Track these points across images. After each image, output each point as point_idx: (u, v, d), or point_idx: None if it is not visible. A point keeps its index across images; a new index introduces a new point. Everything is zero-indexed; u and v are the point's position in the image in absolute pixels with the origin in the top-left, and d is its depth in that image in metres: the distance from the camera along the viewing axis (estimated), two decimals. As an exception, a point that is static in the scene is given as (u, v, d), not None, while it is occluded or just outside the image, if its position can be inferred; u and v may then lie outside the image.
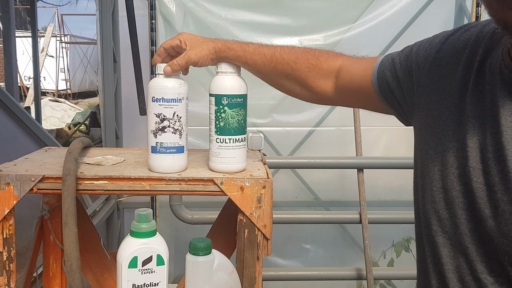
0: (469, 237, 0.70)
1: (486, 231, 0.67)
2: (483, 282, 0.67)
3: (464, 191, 0.71)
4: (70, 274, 0.83)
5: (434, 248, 0.76)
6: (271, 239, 1.05)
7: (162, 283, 0.83)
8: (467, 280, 0.70)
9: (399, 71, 0.91)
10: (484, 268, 0.68)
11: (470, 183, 0.70)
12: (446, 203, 0.73)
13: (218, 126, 1.03)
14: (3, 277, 1.02)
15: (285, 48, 1.07)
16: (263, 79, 1.13)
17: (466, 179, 0.70)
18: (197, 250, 0.83)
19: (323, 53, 1.07)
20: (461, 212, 0.71)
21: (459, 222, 0.71)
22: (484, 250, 0.68)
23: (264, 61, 1.07)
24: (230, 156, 1.04)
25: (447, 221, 0.73)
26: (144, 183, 1.02)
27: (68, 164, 0.99)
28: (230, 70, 1.04)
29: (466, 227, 0.70)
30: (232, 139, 1.03)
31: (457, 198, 0.71)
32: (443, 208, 0.74)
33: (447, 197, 0.73)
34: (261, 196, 1.03)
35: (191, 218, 2.21)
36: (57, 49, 15.06)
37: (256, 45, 1.08)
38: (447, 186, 0.73)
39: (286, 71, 1.07)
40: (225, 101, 1.01)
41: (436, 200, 0.75)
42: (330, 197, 2.81)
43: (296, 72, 1.06)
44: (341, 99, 1.07)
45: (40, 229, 1.27)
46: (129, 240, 0.82)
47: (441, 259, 0.74)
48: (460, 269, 0.71)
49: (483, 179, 0.68)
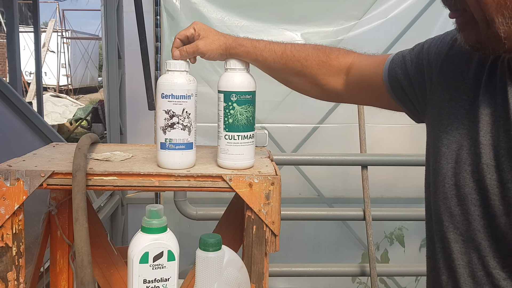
0: (482, 233, 0.70)
1: (500, 227, 0.67)
2: (495, 277, 0.68)
3: (477, 188, 0.71)
4: (81, 269, 0.84)
5: (445, 244, 0.76)
6: (279, 236, 1.05)
7: (173, 279, 0.83)
8: (478, 276, 0.70)
9: (410, 69, 0.91)
10: (497, 264, 0.68)
11: (484, 180, 0.70)
12: (459, 200, 0.74)
13: (227, 122, 1.03)
14: (12, 272, 1.02)
15: (296, 45, 1.08)
16: (272, 75, 1.13)
17: (479, 176, 0.71)
18: (207, 246, 0.84)
19: (333, 50, 1.07)
20: (474, 209, 0.71)
21: (471, 218, 0.72)
22: (497, 246, 0.68)
23: (275, 58, 1.07)
24: (239, 153, 1.05)
25: (459, 218, 0.73)
26: (153, 179, 1.02)
27: (78, 160, 0.99)
28: (239, 67, 1.04)
29: (479, 224, 0.71)
30: (241, 136, 1.04)
31: (469, 194, 0.72)
32: (455, 205, 0.74)
33: (459, 194, 0.73)
34: (269, 192, 1.03)
35: (195, 214, 2.22)
36: (58, 44, 15.05)
37: (266, 42, 1.08)
38: (460, 182, 0.74)
39: (296, 68, 1.07)
40: (234, 97, 1.01)
41: (449, 197, 0.75)
42: (333, 194, 2.82)
43: (306, 69, 1.06)
44: (351, 96, 1.07)
45: (48, 224, 1.27)
46: (140, 236, 0.82)
47: (452, 255, 0.74)
48: (471, 264, 0.71)
49: (497, 176, 0.69)
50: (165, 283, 0.82)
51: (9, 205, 0.99)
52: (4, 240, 1.01)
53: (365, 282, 2.79)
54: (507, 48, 0.67)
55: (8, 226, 1.00)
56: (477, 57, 0.78)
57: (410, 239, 2.84)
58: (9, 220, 1.00)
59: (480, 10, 0.65)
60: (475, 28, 0.68)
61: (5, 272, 1.02)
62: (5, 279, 1.02)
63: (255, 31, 2.59)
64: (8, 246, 1.01)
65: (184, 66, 1.02)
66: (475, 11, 0.66)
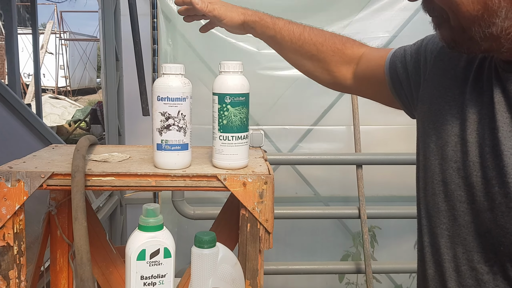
0: (467, 229, 0.73)
1: (484, 222, 0.70)
2: (478, 271, 0.70)
3: (462, 185, 0.74)
4: (81, 267, 0.87)
5: (433, 238, 0.79)
6: (272, 233, 1.08)
7: (169, 275, 0.86)
8: (462, 270, 0.73)
9: (409, 63, 0.94)
10: (480, 258, 0.71)
11: (470, 177, 0.73)
12: (446, 196, 0.76)
13: (221, 124, 1.07)
14: (14, 270, 1.05)
15: (314, 29, 1.09)
16: (285, 56, 1.14)
17: (466, 173, 0.73)
18: (202, 243, 0.87)
19: (349, 40, 1.09)
20: (459, 205, 0.74)
21: (457, 214, 0.74)
22: (481, 241, 0.71)
23: (292, 38, 1.08)
24: (233, 153, 1.08)
25: (446, 213, 0.76)
26: (150, 179, 1.05)
27: (76, 161, 1.02)
28: (233, 70, 1.07)
29: (464, 219, 0.73)
30: (235, 137, 1.07)
31: (456, 191, 0.74)
32: (442, 201, 0.77)
33: (446, 190, 0.76)
34: (263, 191, 1.07)
35: (193, 214, 2.25)
36: (56, 46, 15.06)
37: (286, 20, 1.09)
38: (447, 179, 0.76)
39: (311, 52, 1.08)
40: (228, 99, 1.05)
41: (436, 193, 0.78)
42: (329, 193, 2.85)
43: (320, 54, 1.08)
44: (357, 87, 1.08)
45: (48, 224, 1.30)
46: (138, 234, 0.85)
47: (439, 249, 0.77)
48: (456, 259, 0.74)
49: (481, 173, 0.71)
50: (162, 279, 0.86)
51: (10, 205, 1.02)
52: (5, 240, 1.04)
53: (355, 282, 2.83)
54: (483, 49, 0.69)
55: (9, 225, 1.03)
56: (466, 56, 0.80)
57: (405, 236, 2.88)
58: (10, 220, 1.03)
59: (456, 19, 0.67)
60: (450, 28, 0.70)
61: (7, 271, 1.05)
62: (7, 277, 1.05)
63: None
64: (10, 245, 1.04)
65: (179, 69, 1.05)
66: (452, 19, 0.68)
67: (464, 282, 0.72)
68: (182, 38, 2.55)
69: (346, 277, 2.80)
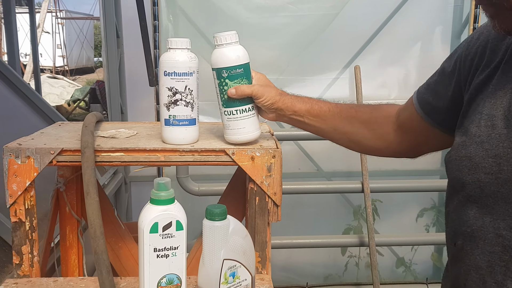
0: (493, 199, 0.74)
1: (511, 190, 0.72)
2: (505, 237, 0.73)
3: (486, 157, 0.76)
4: (95, 240, 0.88)
5: (461, 212, 0.81)
6: (281, 206, 1.10)
7: (181, 247, 0.88)
8: (489, 237, 0.75)
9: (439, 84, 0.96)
10: (506, 225, 0.73)
11: (496, 148, 0.74)
12: (470, 170, 0.78)
13: (223, 99, 1.06)
14: (27, 245, 1.07)
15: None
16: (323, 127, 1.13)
17: (490, 145, 0.75)
18: (213, 215, 0.88)
19: (381, 104, 1.14)
20: (484, 176, 0.75)
21: (483, 185, 0.76)
22: (507, 208, 0.73)
23: (329, 107, 1.11)
24: (240, 127, 1.07)
25: (472, 186, 0.78)
26: (159, 155, 1.06)
27: (85, 137, 1.02)
28: (226, 42, 1.04)
29: (490, 189, 0.75)
30: (239, 110, 1.06)
31: (480, 163, 0.76)
32: (466, 174, 0.79)
33: (470, 164, 0.78)
34: (271, 165, 1.07)
35: (197, 190, 2.27)
36: (53, 25, 14.89)
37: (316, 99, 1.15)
38: (471, 154, 0.78)
39: (350, 114, 1.10)
40: (225, 73, 1.03)
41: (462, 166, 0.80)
42: (332, 168, 2.87)
43: (359, 114, 1.10)
44: (400, 139, 1.08)
45: (56, 201, 1.31)
46: (150, 207, 0.86)
47: (468, 221, 0.79)
48: (484, 228, 0.76)
49: (508, 143, 0.73)
50: (174, 251, 0.87)
51: (20, 182, 1.03)
52: (17, 216, 1.05)
53: (357, 255, 2.87)
54: None
55: (20, 202, 1.04)
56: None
57: (406, 209, 2.91)
58: (21, 196, 1.04)
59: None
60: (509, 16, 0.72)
61: (20, 246, 1.06)
62: (20, 252, 1.07)
63: (253, 8, 2.59)
64: (22, 221, 1.05)
65: (186, 43, 1.05)
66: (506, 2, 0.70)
67: (491, 249, 0.74)
68: (182, 13, 2.53)
69: (348, 250, 2.85)
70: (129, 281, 1.06)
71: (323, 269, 2.92)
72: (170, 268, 0.87)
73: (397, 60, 2.75)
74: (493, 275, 0.74)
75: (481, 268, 0.76)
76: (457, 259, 0.82)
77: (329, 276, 2.92)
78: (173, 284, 0.88)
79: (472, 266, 0.78)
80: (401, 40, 2.72)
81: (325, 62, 2.73)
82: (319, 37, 2.65)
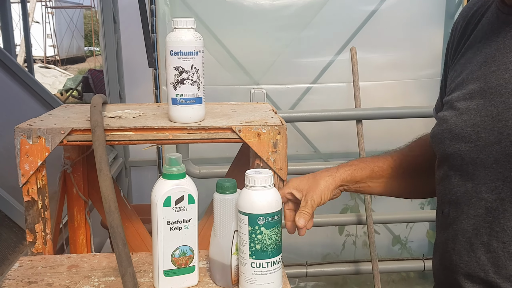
0: (473, 165, 0.78)
1: (492, 155, 0.75)
2: (487, 200, 0.76)
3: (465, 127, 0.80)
4: (110, 215, 0.91)
5: (446, 181, 0.85)
6: (286, 181, 1.13)
7: (193, 220, 0.91)
8: (473, 202, 0.79)
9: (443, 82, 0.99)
10: (487, 188, 0.76)
11: (474, 118, 0.79)
12: (450, 141, 0.82)
13: (253, 249, 0.88)
14: (40, 224, 1.10)
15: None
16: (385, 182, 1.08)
17: (469, 116, 0.80)
18: (223, 189, 0.91)
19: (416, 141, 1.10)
20: (464, 145, 0.79)
21: (464, 154, 0.80)
22: (487, 173, 0.77)
23: (384, 161, 1.07)
24: (269, 282, 0.90)
25: (455, 155, 0.82)
26: (167, 133, 1.09)
27: (95, 117, 1.05)
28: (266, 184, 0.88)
29: (470, 157, 0.79)
30: (270, 262, 0.89)
31: (460, 134, 0.81)
32: (448, 146, 0.83)
33: (451, 136, 0.82)
34: (276, 141, 1.10)
35: (198, 173, 2.29)
36: (43, 14, 14.72)
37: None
38: (451, 126, 0.83)
39: (408, 161, 1.06)
40: (261, 221, 0.87)
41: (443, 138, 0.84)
42: (329, 149, 2.90)
43: (413, 159, 1.06)
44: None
45: (64, 182, 1.34)
46: (162, 182, 0.89)
47: (452, 189, 0.83)
48: (467, 193, 0.80)
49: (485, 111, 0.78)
50: (187, 224, 0.90)
51: (32, 161, 1.05)
52: (30, 195, 1.07)
53: (354, 234, 2.92)
54: None
55: (32, 181, 1.07)
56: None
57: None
58: (34, 176, 1.06)
59: None
60: None
61: (33, 224, 1.09)
62: (33, 230, 1.09)
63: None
64: (34, 200, 1.08)
65: (191, 23, 1.07)
66: None
67: (475, 212, 0.78)
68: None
69: (346, 229, 2.89)
70: (140, 256, 1.09)
71: (321, 249, 2.97)
72: (183, 240, 0.91)
73: (391, 41, 2.78)
74: (479, 237, 0.78)
75: (467, 231, 0.80)
76: (445, 226, 0.86)
77: (327, 255, 2.97)
78: (186, 255, 0.92)
79: (459, 230, 0.82)
80: (396, 21, 2.75)
81: (321, 44, 2.76)
82: (314, 19, 2.67)
